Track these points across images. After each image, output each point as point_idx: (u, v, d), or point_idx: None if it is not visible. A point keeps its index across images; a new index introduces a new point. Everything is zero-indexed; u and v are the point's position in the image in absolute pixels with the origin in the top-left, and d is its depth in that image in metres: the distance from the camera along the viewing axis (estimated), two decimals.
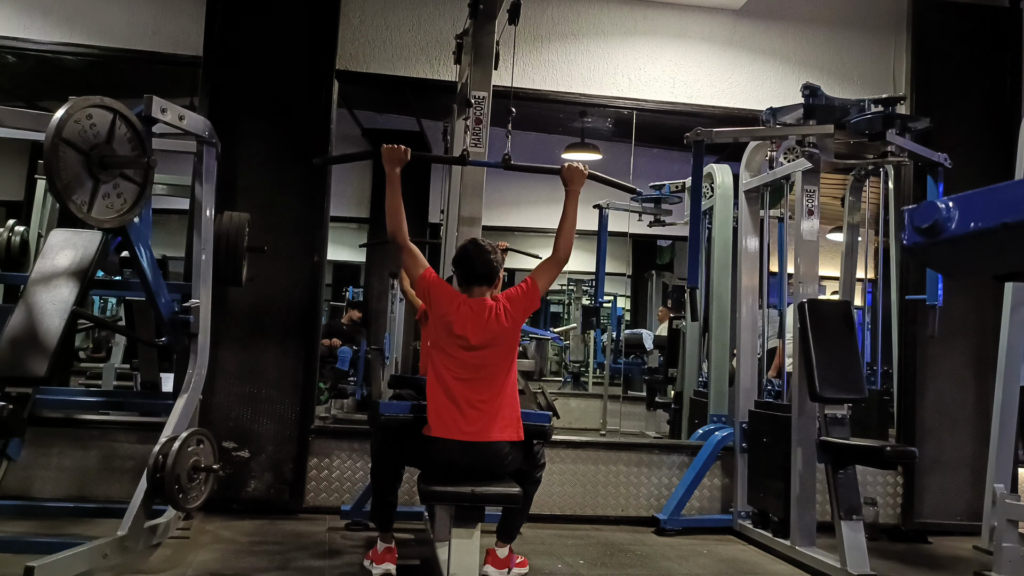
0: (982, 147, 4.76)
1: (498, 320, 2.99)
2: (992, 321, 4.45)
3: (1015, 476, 4.08)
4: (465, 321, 2.98)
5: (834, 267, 5.97)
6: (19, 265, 4.40)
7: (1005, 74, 4.89)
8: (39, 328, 3.16)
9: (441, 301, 3.03)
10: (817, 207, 4.03)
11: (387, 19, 4.66)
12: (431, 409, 2.97)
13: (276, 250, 4.13)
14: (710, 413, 5.02)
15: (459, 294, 3.07)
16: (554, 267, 3.15)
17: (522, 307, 3.06)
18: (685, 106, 4.90)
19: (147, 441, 3.37)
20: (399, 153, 3.15)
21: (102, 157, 2.72)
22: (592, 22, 4.83)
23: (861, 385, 3.72)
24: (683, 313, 6.31)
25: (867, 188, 5.35)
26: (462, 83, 3.86)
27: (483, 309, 3.01)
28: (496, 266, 3.09)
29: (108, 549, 2.80)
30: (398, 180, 3.14)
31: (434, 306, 3.04)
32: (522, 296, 3.06)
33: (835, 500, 3.55)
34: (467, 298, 3.05)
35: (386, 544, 3.25)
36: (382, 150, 3.17)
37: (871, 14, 5.04)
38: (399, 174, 3.14)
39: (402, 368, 6.55)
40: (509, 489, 2.85)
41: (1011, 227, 1.79)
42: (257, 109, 4.37)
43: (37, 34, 4.38)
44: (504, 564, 3.19)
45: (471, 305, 3.02)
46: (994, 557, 3.52)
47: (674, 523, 4.29)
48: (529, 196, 7.35)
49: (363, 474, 4.24)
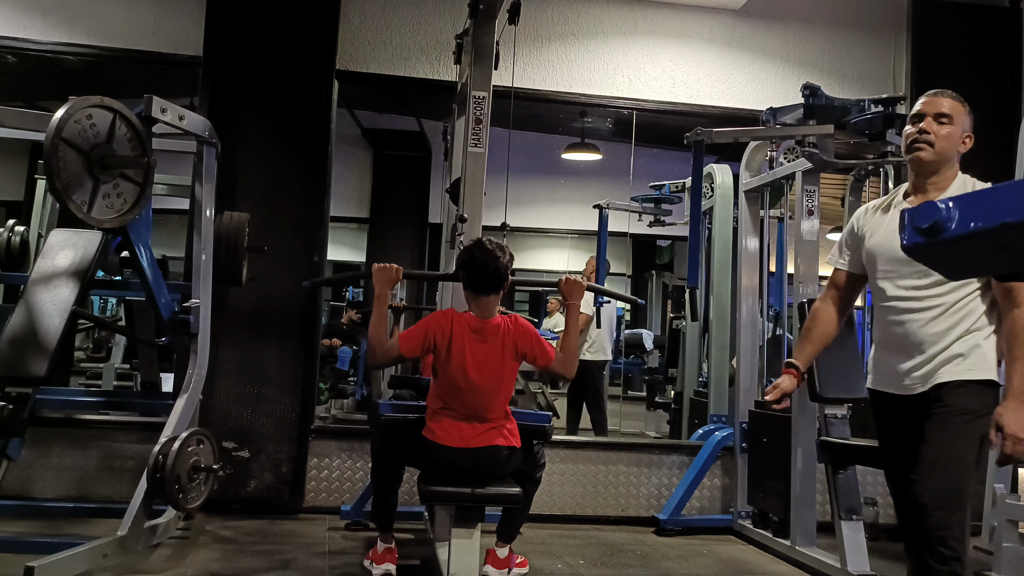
0: (982, 147, 4.73)
1: (503, 351, 2.93)
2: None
3: (1015, 476, 4.07)
4: (463, 344, 2.90)
5: None
6: (19, 265, 4.40)
7: (1005, 74, 4.89)
8: (39, 328, 3.16)
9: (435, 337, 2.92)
10: (817, 207, 4.03)
11: (387, 19, 4.66)
12: (432, 417, 2.96)
13: (276, 250, 4.12)
14: (710, 413, 5.02)
15: (444, 316, 2.97)
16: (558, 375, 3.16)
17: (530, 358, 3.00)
18: (685, 106, 4.89)
19: (147, 441, 3.37)
20: (391, 273, 3.04)
21: (102, 157, 2.72)
22: (592, 22, 4.83)
23: (861, 385, 3.71)
24: (683, 313, 6.31)
25: (867, 188, 5.34)
26: (462, 83, 3.86)
27: (486, 330, 2.93)
28: (504, 271, 2.96)
29: (108, 549, 2.80)
30: (387, 300, 3.08)
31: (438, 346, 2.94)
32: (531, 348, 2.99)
33: (835, 500, 3.55)
34: (457, 314, 2.97)
35: (386, 544, 3.25)
36: (373, 270, 3.05)
37: (871, 14, 5.04)
38: (389, 295, 3.08)
39: (402, 368, 6.54)
40: (509, 489, 2.85)
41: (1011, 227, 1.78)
42: (257, 109, 4.37)
43: (37, 34, 4.38)
44: (504, 564, 3.19)
45: (470, 323, 2.93)
46: (994, 557, 3.52)
47: (674, 523, 4.29)
48: (530, 196, 7.36)
49: (363, 474, 4.24)
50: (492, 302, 2.98)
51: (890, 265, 2.30)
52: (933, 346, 2.22)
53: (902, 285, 2.27)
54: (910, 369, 2.25)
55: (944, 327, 2.21)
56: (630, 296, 4.13)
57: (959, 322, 2.21)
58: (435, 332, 2.93)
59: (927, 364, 2.22)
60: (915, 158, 2.29)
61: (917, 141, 2.28)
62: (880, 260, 2.35)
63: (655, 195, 6.29)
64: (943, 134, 2.28)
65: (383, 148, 7.94)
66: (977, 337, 2.20)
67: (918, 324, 2.23)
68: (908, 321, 2.25)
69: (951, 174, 2.31)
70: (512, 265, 3.02)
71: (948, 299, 2.21)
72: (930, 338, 2.22)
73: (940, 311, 2.21)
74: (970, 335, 2.21)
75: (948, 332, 2.21)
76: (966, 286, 2.20)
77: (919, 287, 2.23)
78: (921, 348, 2.24)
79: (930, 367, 2.22)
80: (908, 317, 2.25)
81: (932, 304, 2.22)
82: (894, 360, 2.30)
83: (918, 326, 2.24)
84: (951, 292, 2.20)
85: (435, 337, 2.93)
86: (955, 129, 2.30)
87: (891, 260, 2.29)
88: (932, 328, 2.22)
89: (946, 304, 2.21)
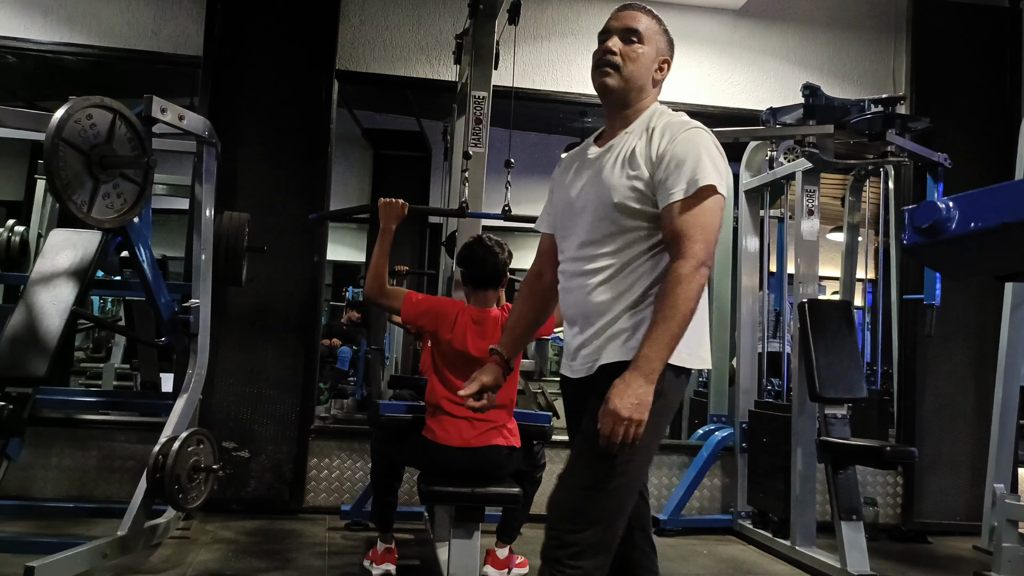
0: (982, 147, 4.75)
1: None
2: (992, 321, 4.45)
3: (1015, 476, 4.08)
4: (465, 335, 2.95)
5: (834, 267, 5.97)
6: (19, 265, 4.40)
7: (1005, 74, 4.88)
8: (39, 328, 3.16)
9: (436, 322, 2.99)
10: (817, 207, 4.03)
11: (387, 19, 4.65)
12: (431, 416, 2.97)
13: (276, 250, 4.12)
14: (710, 413, 5.02)
15: (453, 305, 3.04)
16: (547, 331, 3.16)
17: None
18: (685, 106, 4.86)
19: (147, 441, 3.37)
20: (397, 208, 3.08)
21: (102, 157, 2.72)
22: (592, 22, 4.82)
23: (861, 385, 3.72)
24: None
25: (867, 188, 5.35)
26: (462, 83, 3.86)
27: (485, 321, 2.98)
28: (504, 267, 3.04)
29: (108, 549, 2.81)
30: (391, 236, 3.08)
31: (429, 329, 3.01)
32: None
33: (835, 500, 3.55)
34: (465, 306, 3.02)
35: (386, 544, 3.25)
36: (379, 204, 3.10)
37: (871, 14, 5.03)
38: (394, 231, 3.09)
39: (402, 368, 6.55)
40: (509, 489, 2.85)
41: (1011, 227, 1.79)
42: (257, 109, 4.37)
43: (37, 34, 4.38)
44: (504, 564, 3.19)
45: (472, 315, 2.99)
46: (994, 557, 3.52)
47: (674, 523, 4.29)
48: (530, 196, 7.36)
49: (363, 474, 4.24)
50: (491, 297, 3.05)
51: (566, 219, 1.92)
52: (600, 318, 1.80)
53: (574, 243, 1.87)
54: (580, 346, 1.85)
55: (613, 294, 1.79)
56: None
57: (630, 288, 1.78)
58: (439, 314, 2.99)
59: (595, 340, 1.81)
60: (600, 85, 1.90)
61: (601, 64, 1.88)
62: (559, 215, 1.96)
63: None
64: (633, 55, 1.87)
65: (383, 148, 7.94)
66: (648, 311, 1.75)
67: (585, 291, 1.82)
68: (576, 288, 1.85)
69: (643, 106, 1.89)
70: (511, 262, 3.08)
71: (619, 259, 1.79)
72: (597, 308, 1.80)
73: (609, 273, 1.79)
74: (643, 305, 1.77)
75: (617, 301, 1.78)
76: (642, 241, 1.78)
77: (588, 243, 1.82)
78: (589, 320, 1.82)
79: (596, 344, 1.81)
80: (577, 283, 1.85)
81: (601, 266, 1.80)
82: (569, 335, 1.90)
83: (584, 293, 1.82)
84: (624, 250, 1.79)
85: (437, 320, 2.98)
86: (648, 50, 1.89)
87: (566, 213, 1.92)
88: (599, 295, 1.80)
89: (616, 266, 1.79)
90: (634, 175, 1.78)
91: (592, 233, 1.82)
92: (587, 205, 1.84)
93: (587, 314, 1.82)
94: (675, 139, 1.77)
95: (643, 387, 1.63)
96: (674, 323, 1.65)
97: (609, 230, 1.79)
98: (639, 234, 1.78)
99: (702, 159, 1.74)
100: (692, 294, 1.67)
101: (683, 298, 1.65)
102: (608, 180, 1.81)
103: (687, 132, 1.78)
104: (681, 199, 1.72)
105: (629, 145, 1.83)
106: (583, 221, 1.84)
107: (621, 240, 1.79)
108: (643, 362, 1.64)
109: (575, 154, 2.00)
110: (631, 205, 1.77)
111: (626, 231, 1.79)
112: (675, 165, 1.74)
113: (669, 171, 1.74)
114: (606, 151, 1.87)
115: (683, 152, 1.74)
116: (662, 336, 1.65)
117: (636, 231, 1.78)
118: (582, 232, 1.84)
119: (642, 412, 1.63)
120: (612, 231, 1.79)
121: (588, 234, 1.83)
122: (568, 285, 1.89)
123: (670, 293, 1.66)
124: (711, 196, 1.73)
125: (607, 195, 1.80)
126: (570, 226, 1.89)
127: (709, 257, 1.71)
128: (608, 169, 1.83)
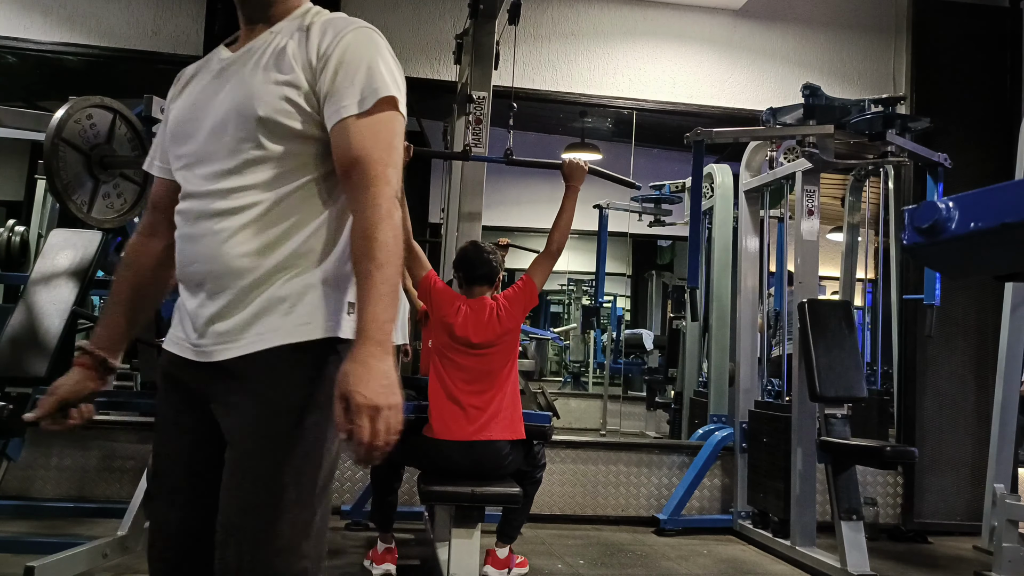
0: (982, 147, 4.76)
1: (499, 320, 3.02)
2: (992, 321, 4.46)
3: (1015, 476, 4.08)
4: (466, 323, 3.01)
5: (834, 267, 5.97)
6: (19, 265, 4.40)
7: (1005, 74, 4.89)
8: (39, 328, 3.16)
9: (442, 304, 3.06)
10: (817, 207, 4.03)
11: (387, 19, 4.66)
12: (433, 411, 2.98)
13: None
14: (710, 413, 5.02)
15: (459, 296, 3.11)
16: (548, 261, 3.16)
17: (520, 305, 3.08)
18: (685, 106, 4.90)
19: (147, 441, 3.36)
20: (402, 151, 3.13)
21: (102, 157, 2.72)
22: (592, 22, 4.83)
23: (861, 385, 3.72)
24: (683, 313, 6.31)
25: (867, 188, 5.35)
26: (462, 83, 3.86)
27: (483, 309, 3.05)
28: (496, 267, 3.13)
29: (108, 549, 2.81)
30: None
31: (435, 309, 3.07)
32: (519, 294, 3.09)
33: (835, 500, 3.55)
34: (467, 299, 3.09)
35: (386, 544, 3.25)
36: None
37: (871, 14, 5.04)
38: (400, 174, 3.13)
39: (402, 368, 6.55)
40: (509, 489, 2.86)
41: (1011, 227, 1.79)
42: None
43: (37, 34, 4.38)
44: (504, 564, 3.19)
45: (471, 306, 3.06)
46: (994, 557, 3.52)
47: (674, 523, 4.29)
48: (530, 195, 7.36)
49: (363, 474, 4.24)
50: (484, 294, 3.12)
51: (189, 144, 1.39)
52: (241, 278, 1.30)
53: (200, 174, 1.35)
54: (212, 318, 1.32)
55: (259, 244, 1.31)
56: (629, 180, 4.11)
57: (285, 236, 1.32)
58: (448, 299, 3.08)
59: (236, 311, 1.30)
60: None
61: None
62: (176, 141, 1.42)
63: (655, 195, 6.29)
64: None
65: None
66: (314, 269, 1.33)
67: (219, 239, 1.31)
68: (204, 235, 1.32)
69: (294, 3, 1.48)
70: (503, 267, 3.18)
71: (268, 196, 1.32)
72: (236, 264, 1.30)
73: (255, 215, 1.31)
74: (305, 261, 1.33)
75: (265, 253, 1.31)
76: (299, 171, 1.33)
77: (223, 174, 1.32)
78: (223, 281, 1.31)
79: (241, 317, 1.30)
80: (205, 227, 1.32)
81: (242, 204, 1.31)
82: (192, 301, 1.35)
83: (218, 243, 1.31)
84: (274, 183, 1.32)
85: (445, 302, 3.06)
86: None
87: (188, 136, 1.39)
88: (239, 245, 1.30)
89: (264, 204, 1.31)
90: (284, 80, 1.33)
91: (228, 160, 1.32)
92: (221, 124, 1.34)
93: (221, 272, 1.30)
94: (340, 38, 1.35)
95: (383, 360, 1.22)
96: (391, 269, 1.25)
97: (252, 155, 1.31)
98: (295, 162, 1.33)
99: (377, 65, 1.35)
100: (399, 231, 1.28)
101: (393, 236, 1.26)
102: (249, 87, 1.34)
103: (355, 32, 1.37)
104: (356, 113, 1.31)
105: (277, 44, 1.39)
106: (214, 146, 1.34)
107: (271, 169, 1.32)
108: (373, 327, 1.22)
109: (197, 65, 1.53)
110: (283, 122, 1.31)
111: (278, 157, 1.32)
112: (344, 72, 1.33)
113: (337, 79, 1.32)
114: (244, 54, 1.42)
115: (353, 56, 1.33)
116: (383, 287, 1.24)
117: (291, 157, 1.33)
118: (213, 160, 1.34)
119: (396, 393, 1.23)
120: (257, 156, 1.32)
121: (222, 162, 1.33)
122: (191, 231, 1.35)
123: (376, 233, 1.25)
124: (392, 110, 1.36)
125: (249, 107, 1.32)
126: (194, 153, 1.37)
127: (400, 186, 1.36)
128: (249, 73, 1.36)
